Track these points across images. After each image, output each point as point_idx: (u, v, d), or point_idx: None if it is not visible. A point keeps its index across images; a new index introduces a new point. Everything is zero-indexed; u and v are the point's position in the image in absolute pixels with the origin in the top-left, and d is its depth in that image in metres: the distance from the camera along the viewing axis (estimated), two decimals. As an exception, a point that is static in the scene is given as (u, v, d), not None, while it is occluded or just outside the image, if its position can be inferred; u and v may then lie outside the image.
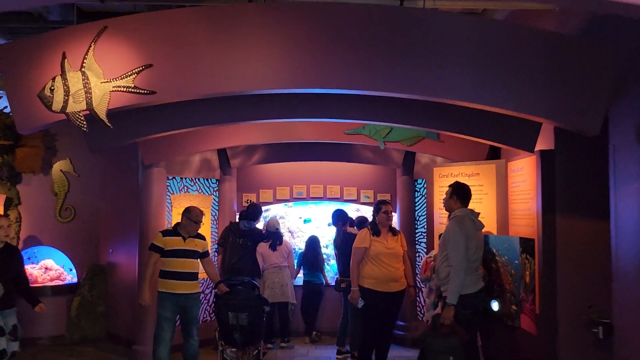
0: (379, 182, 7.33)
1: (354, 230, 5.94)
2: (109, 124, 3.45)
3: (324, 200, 7.42)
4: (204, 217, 5.09)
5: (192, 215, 4.93)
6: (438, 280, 4.27)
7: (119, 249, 6.80)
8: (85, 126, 3.44)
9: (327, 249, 7.23)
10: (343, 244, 5.80)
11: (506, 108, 3.73)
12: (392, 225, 5.19)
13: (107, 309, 6.96)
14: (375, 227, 5.01)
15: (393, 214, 5.07)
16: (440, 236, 5.84)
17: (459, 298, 3.94)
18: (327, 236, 7.56)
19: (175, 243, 4.81)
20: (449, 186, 4.49)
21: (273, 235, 6.50)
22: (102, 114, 3.34)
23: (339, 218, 6.12)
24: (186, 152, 6.08)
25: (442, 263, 4.17)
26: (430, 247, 5.80)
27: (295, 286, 6.65)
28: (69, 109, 3.34)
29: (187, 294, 4.85)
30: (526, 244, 4.56)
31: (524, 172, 4.78)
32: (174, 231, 4.87)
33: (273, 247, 6.45)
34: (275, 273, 6.45)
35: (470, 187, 4.63)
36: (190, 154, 6.40)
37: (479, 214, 4.37)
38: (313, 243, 6.89)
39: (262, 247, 6.43)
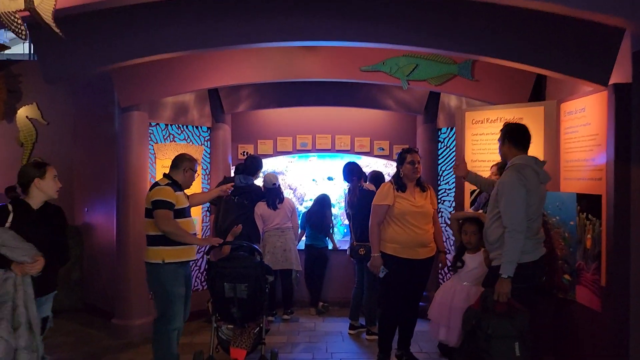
0: (395, 131, 6.48)
1: (371, 186, 5.13)
2: (57, 30, 2.55)
3: (332, 153, 6.58)
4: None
5: (195, 166, 4.14)
6: (487, 244, 3.50)
7: (95, 207, 5.98)
8: (23, 33, 2.54)
9: (334, 209, 6.44)
10: (360, 202, 5.01)
11: (579, 7, 2.89)
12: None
13: (83, 276, 6.20)
14: (400, 181, 4.20)
15: (420, 164, 4.24)
16: (473, 194, 5.10)
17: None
18: (334, 194, 6.78)
19: (182, 200, 4.00)
20: (500, 130, 3.65)
21: (272, 192, 5.69)
22: (48, 16, 2.45)
23: (353, 172, 5.28)
24: (171, 93, 5.18)
25: (492, 223, 3.38)
26: (460, 206, 5.02)
27: (298, 251, 5.88)
28: (0, 9, 2.44)
29: (191, 261, 4.17)
30: (587, 201, 3.78)
31: (585, 113, 3.94)
32: (178, 185, 4.02)
33: (273, 206, 5.66)
34: (277, 236, 5.68)
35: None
36: (175, 95, 5.50)
37: (544, 162, 3.54)
38: (322, 201, 6.12)
39: (261, 207, 5.64)
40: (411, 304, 4.27)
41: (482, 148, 5.02)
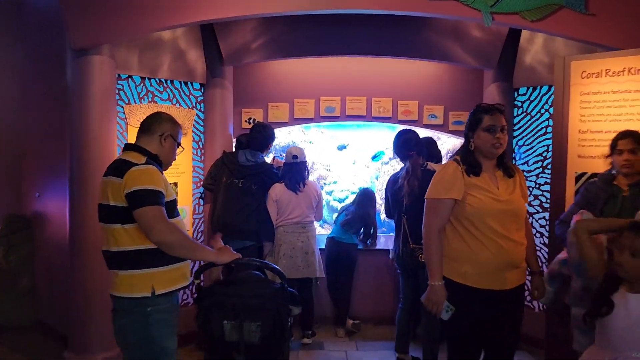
0: (453, 93, 4.98)
1: (438, 167, 3.64)
2: None
3: (367, 122, 5.09)
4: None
5: (178, 132, 2.64)
6: None
7: (49, 191, 4.53)
8: None
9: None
10: (422, 189, 3.51)
11: None
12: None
13: (35, 284, 4.78)
14: (472, 159, 2.66)
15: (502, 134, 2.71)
16: (579, 180, 3.63)
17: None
18: (358, 180, 5.38)
19: (170, 189, 2.50)
20: None
21: (293, 169, 4.26)
22: None
23: (410, 144, 3.77)
24: (144, 29, 3.67)
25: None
26: (559, 202, 3.57)
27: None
28: None
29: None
30: None
31: None
32: (158, 163, 2.51)
33: (294, 188, 4.22)
34: (297, 233, 4.26)
35: None
36: (151, 33, 4.00)
37: None
38: (366, 199, 4.75)
39: (277, 190, 4.24)
40: (499, 355, 2.78)
41: (597, 114, 3.56)
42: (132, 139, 4.00)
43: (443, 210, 2.61)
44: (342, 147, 5.67)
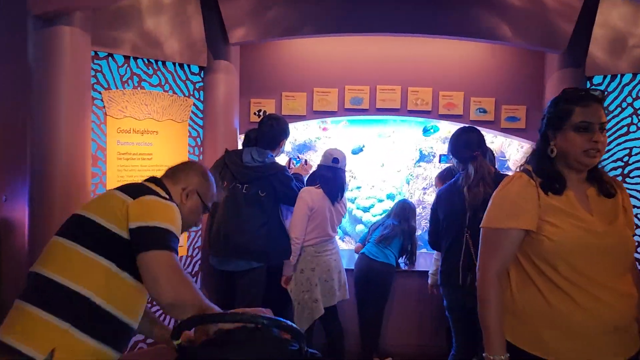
0: (507, 82, 4.14)
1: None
2: None
3: (401, 117, 4.27)
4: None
5: (212, 196, 2.06)
6: None
7: (16, 194, 3.75)
8: None
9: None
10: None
11: None
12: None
13: (2, 300, 4.01)
14: (553, 170, 1.82)
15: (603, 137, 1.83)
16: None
17: None
18: (386, 185, 4.59)
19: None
20: None
21: (333, 175, 3.47)
22: None
23: (471, 144, 2.92)
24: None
25: None
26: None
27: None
28: None
29: None
30: None
31: None
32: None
33: (333, 197, 3.47)
34: (329, 251, 3.52)
35: None
36: None
37: None
38: (410, 209, 4.10)
39: (315, 196, 3.43)
40: None
41: None
42: (112, 134, 3.25)
43: (506, 245, 1.78)
44: (357, 151, 4.85)
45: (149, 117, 3.48)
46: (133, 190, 1.73)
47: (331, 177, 3.44)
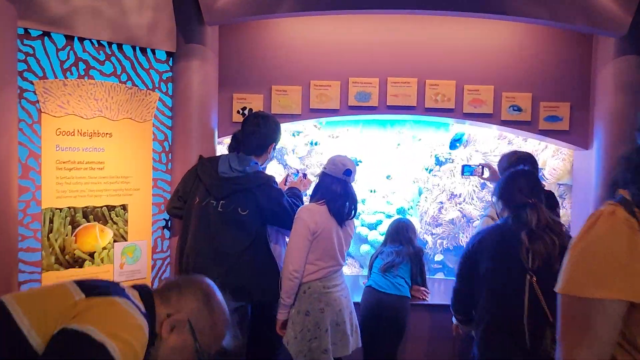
0: (547, 74, 3.42)
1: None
2: None
3: (418, 115, 3.53)
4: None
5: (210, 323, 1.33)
6: None
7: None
8: None
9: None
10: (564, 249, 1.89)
11: None
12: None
13: None
14: None
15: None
16: None
17: None
18: (396, 198, 3.91)
19: None
20: None
21: (341, 189, 2.69)
22: None
23: (527, 189, 2.13)
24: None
25: None
26: None
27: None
28: None
29: None
30: None
31: None
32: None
33: (342, 218, 2.69)
34: (338, 285, 2.75)
35: None
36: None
37: None
38: (405, 227, 3.50)
39: (317, 215, 2.62)
40: None
41: None
42: (49, 137, 2.51)
43: (601, 323, 1.11)
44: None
45: (100, 116, 2.73)
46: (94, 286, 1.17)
47: (341, 193, 2.68)
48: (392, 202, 4.16)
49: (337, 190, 2.67)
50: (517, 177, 2.23)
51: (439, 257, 4.08)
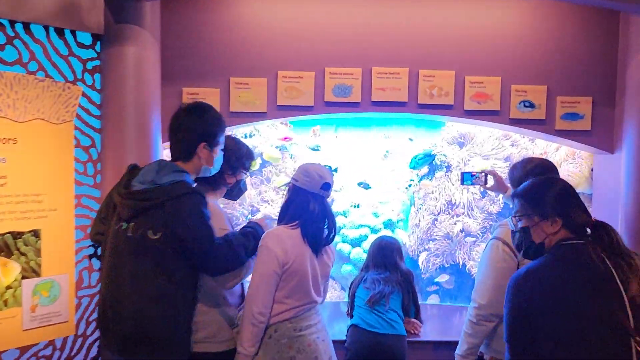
0: (564, 62, 2.85)
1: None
2: None
3: (407, 113, 2.93)
4: None
5: None
6: None
7: None
8: None
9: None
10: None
11: None
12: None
13: None
14: None
15: None
16: None
17: None
18: (384, 209, 3.38)
19: None
20: None
21: (320, 212, 2.07)
22: None
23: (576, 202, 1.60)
24: None
25: None
26: None
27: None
28: None
29: None
30: None
31: None
32: None
33: (318, 244, 2.07)
34: (313, 326, 2.12)
35: None
36: None
37: None
38: (391, 250, 2.97)
39: (286, 241, 1.99)
40: None
41: None
42: None
43: None
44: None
45: (1, 116, 2.11)
46: None
47: (319, 212, 2.07)
48: (379, 214, 3.58)
49: (313, 209, 2.07)
50: (570, 190, 1.63)
51: (443, 278, 3.52)
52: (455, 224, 3.50)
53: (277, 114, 2.80)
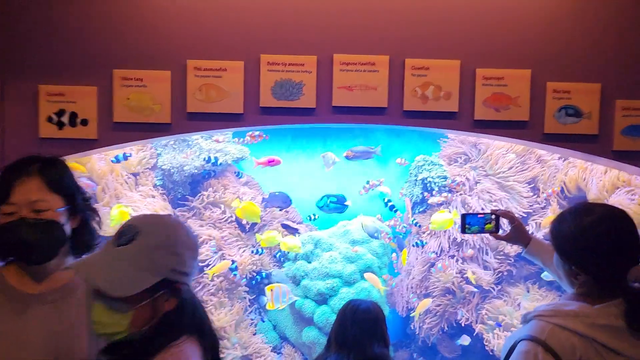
0: (624, 51, 1.89)
1: None
2: None
3: (387, 125, 1.97)
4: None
5: None
6: None
7: None
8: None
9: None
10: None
11: None
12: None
13: None
14: None
15: None
16: None
17: None
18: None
19: None
20: None
21: None
22: None
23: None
24: None
25: None
26: None
27: None
28: None
29: None
30: None
31: None
32: None
33: None
34: None
35: None
36: None
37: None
38: (361, 322, 1.96)
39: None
40: None
41: None
42: None
43: None
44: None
45: None
46: None
47: None
48: (356, 259, 2.65)
49: None
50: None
51: (465, 340, 2.60)
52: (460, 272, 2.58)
53: (186, 126, 1.85)
